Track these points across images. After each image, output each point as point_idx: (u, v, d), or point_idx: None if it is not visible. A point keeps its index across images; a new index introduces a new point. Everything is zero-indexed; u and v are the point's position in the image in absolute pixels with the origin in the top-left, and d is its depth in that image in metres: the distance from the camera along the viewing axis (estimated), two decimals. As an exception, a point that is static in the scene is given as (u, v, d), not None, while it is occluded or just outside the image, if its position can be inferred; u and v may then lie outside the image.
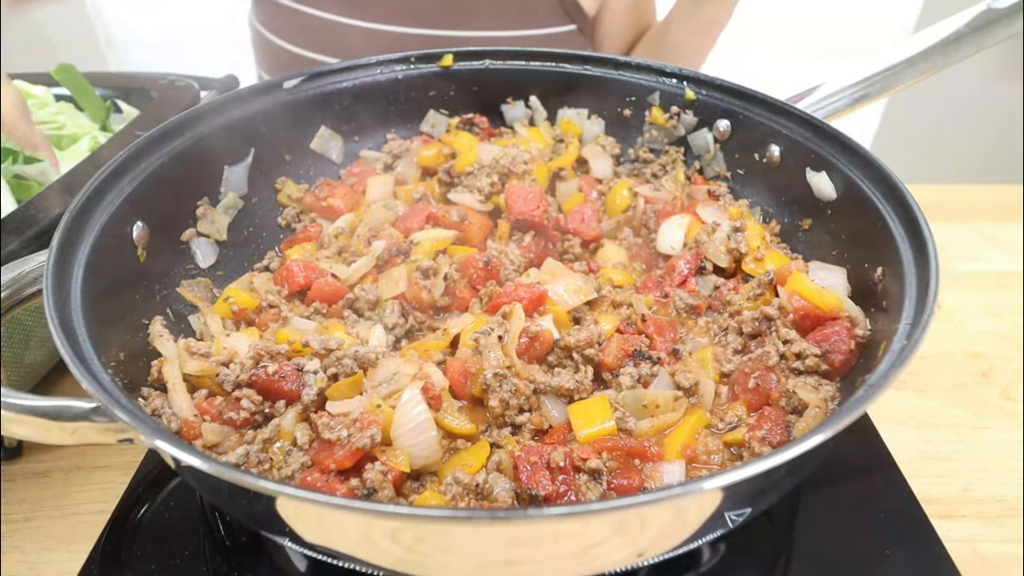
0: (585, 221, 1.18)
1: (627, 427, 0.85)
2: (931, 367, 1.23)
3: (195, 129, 1.07)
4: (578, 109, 1.32)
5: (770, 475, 0.62)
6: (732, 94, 1.18)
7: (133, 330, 0.92)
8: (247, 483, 0.60)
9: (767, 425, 0.84)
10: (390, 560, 0.67)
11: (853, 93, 1.13)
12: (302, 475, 0.78)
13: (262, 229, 1.21)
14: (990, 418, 1.14)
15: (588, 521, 0.60)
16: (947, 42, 1.09)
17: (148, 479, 1.00)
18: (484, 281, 1.05)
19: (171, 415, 0.83)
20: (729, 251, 1.07)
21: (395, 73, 1.28)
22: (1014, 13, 1.07)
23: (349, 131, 1.30)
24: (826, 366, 0.89)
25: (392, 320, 1.01)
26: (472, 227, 1.15)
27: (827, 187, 1.04)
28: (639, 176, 1.28)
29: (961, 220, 1.62)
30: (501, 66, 1.30)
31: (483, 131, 1.30)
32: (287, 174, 1.25)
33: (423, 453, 0.80)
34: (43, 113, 1.36)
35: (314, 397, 0.83)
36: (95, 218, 0.89)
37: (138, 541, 0.91)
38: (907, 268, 0.83)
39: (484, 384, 0.86)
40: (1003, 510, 1.00)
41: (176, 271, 1.06)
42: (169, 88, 1.39)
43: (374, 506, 0.58)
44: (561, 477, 0.77)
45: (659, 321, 1.00)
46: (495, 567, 0.68)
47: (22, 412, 0.70)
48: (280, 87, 1.20)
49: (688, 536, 0.70)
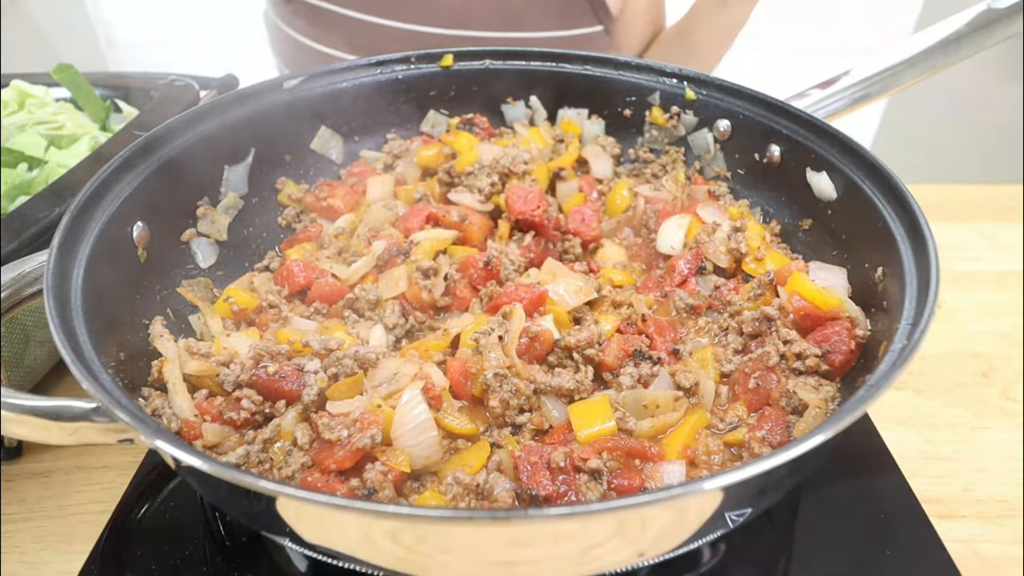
0: (585, 221, 1.18)
1: (627, 427, 0.85)
2: (931, 367, 1.23)
3: (195, 129, 1.07)
4: (578, 109, 1.32)
5: (770, 475, 0.62)
6: (732, 94, 1.18)
7: (133, 330, 0.92)
8: (247, 483, 0.60)
9: (767, 425, 0.84)
10: (390, 560, 0.67)
11: (853, 93, 1.13)
12: (302, 475, 0.78)
13: (262, 229, 1.21)
14: (990, 418, 1.14)
15: (588, 521, 0.60)
16: (947, 42, 1.09)
17: (148, 479, 1.00)
18: (484, 281, 1.05)
19: (171, 415, 0.83)
20: (729, 251, 1.07)
21: (395, 73, 1.28)
22: (1014, 13, 1.07)
23: (349, 131, 1.30)
24: (826, 366, 0.89)
25: (392, 320, 1.01)
26: (472, 227, 1.15)
27: (827, 187, 1.04)
28: (639, 176, 1.28)
29: (961, 220, 1.62)
30: (501, 66, 1.30)
31: (483, 131, 1.30)
32: (287, 174, 1.24)
33: (423, 453, 0.80)
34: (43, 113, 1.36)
35: (314, 397, 0.83)
36: (95, 218, 0.89)
37: (138, 541, 0.91)
38: (907, 268, 0.83)
39: (484, 384, 0.86)
40: (1003, 510, 1.00)
41: (176, 271, 1.06)
42: (169, 88, 1.39)
43: (374, 506, 0.58)
44: (561, 477, 0.77)
45: (659, 321, 1.00)
46: (495, 567, 0.68)
47: (22, 412, 0.70)
48: (280, 87, 1.19)
49: (688, 536, 0.70)
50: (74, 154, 1.30)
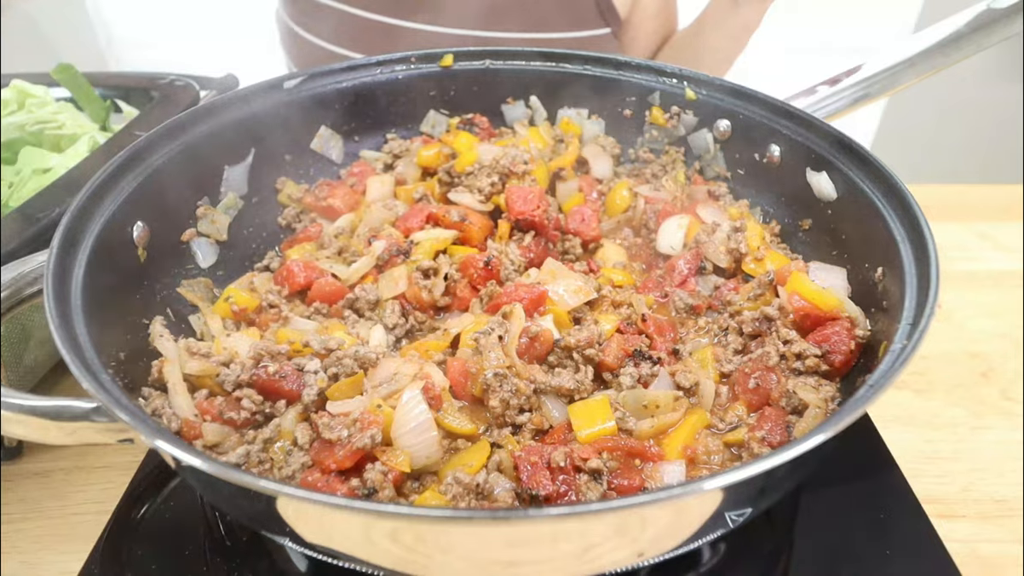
0: (585, 221, 1.18)
1: (627, 427, 0.85)
2: (931, 367, 1.23)
3: (195, 129, 1.07)
4: (578, 109, 1.32)
5: (770, 475, 0.62)
6: (732, 94, 1.18)
7: (133, 330, 0.92)
8: (247, 483, 0.60)
9: (767, 425, 0.84)
10: (390, 560, 0.67)
11: (853, 93, 1.13)
12: (302, 475, 0.78)
13: (262, 229, 1.21)
14: (990, 418, 1.14)
15: (588, 521, 0.60)
16: (947, 42, 1.09)
17: (148, 479, 1.00)
18: (484, 281, 1.04)
19: (171, 415, 0.83)
20: (729, 251, 1.07)
21: (395, 73, 1.28)
22: (1014, 13, 1.07)
23: (349, 131, 1.30)
24: (826, 366, 0.89)
25: (392, 320, 1.01)
26: (472, 227, 1.15)
27: (827, 187, 1.04)
28: (639, 176, 1.28)
29: (961, 220, 1.62)
30: (501, 66, 1.30)
31: (483, 131, 1.30)
32: (287, 174, 1.25)
33: (423, 453, 0.80)
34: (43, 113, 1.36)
35: (314, 397, 0.83)
36: (95, 218, 0.89)
37: (138, 541, 0.91)
38: (907, 268, 0.83)
39: (484, 384, 0.86)
40: (1003, 510, 1.00)
41: (176, 271, 1.06)
42: (169, 88, 1.39)
43: (374, 506, 0.58)
44: (561, 477, 0.77)
45: (659, 321, 1.00)
46: (495, 567, 0.68)
47: (22, 412, 0.70)
48: (280, 87, 1.19)
49: (688, 536, 0.70)
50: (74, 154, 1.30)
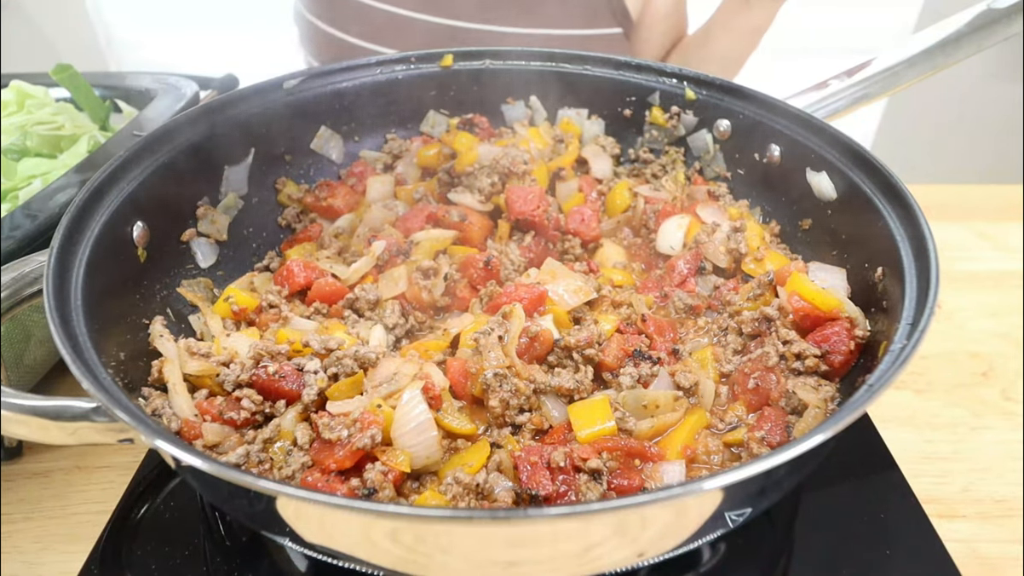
0: (585, 221, 1.18)
1: (627, 427, 0.85)
2: (931, 367, 1.23)
3: (195, 129, 1.07)
4: (578, 109, 1.32)
5: (770, 475, 0.62)
6: (732, 94, 1.18)
7: (133, 330, 0.92)
8: (247, 483, 0.60)
9: (767, 425, 0.84)
10: (390, 560, 0.67)
11: (853, 93, 1.13)
12: (302, 475, 0.78)
13: (262, 229, 1.21)
14: (990, 418, 1.14)
15: (588, 521, 0.60)
16: (947, 42, 1.09)
17: (148, 479, 1.00)
18: (484, 281, 1.05)
19: (171, 415, 0.83)
20: (729, 251, 1.07)
21: (395, 73, 1.28)
22: (1014, 13, 1.07)
23: (349, 131, 1.30)
24: (826, 366, 0.89)
25: (392, 320, 1.01)
26: (472, 227, 1.15)
27: (827, 187, 1.03)
28: (639, 176, 1.28)
29: (961, 220, 1.62)
30: (501, 66, 1.30)
31: (483, 131, 1.30)
32: (287, 174, 1.25)
33: (423, 453, 0.80)
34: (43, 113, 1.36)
35: (314, 397, 0.83)
36: (95, 218, 0.89)
37: (138, 541, 0.91)
38: (907, 268, 0.83)
39: (484, 384, 0.86)
40: (1003, 510, 1.00)
41: (176, 271, 1.06)
42: (169, 88, 1.39)
43: (374, 506, 0.58)
44: (561, 477, 0.77)
45: (659, 321, 1.00)
46: (495, 567, 0.68)
47: (22, 412, 0.70)
48: (280, 87, 1.19)
49: (688, 536, 0.70)
50: (74, 154, 1.30)
